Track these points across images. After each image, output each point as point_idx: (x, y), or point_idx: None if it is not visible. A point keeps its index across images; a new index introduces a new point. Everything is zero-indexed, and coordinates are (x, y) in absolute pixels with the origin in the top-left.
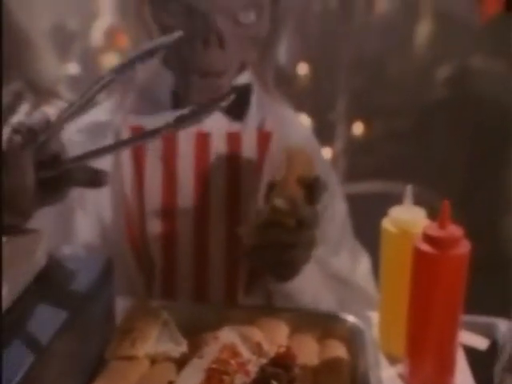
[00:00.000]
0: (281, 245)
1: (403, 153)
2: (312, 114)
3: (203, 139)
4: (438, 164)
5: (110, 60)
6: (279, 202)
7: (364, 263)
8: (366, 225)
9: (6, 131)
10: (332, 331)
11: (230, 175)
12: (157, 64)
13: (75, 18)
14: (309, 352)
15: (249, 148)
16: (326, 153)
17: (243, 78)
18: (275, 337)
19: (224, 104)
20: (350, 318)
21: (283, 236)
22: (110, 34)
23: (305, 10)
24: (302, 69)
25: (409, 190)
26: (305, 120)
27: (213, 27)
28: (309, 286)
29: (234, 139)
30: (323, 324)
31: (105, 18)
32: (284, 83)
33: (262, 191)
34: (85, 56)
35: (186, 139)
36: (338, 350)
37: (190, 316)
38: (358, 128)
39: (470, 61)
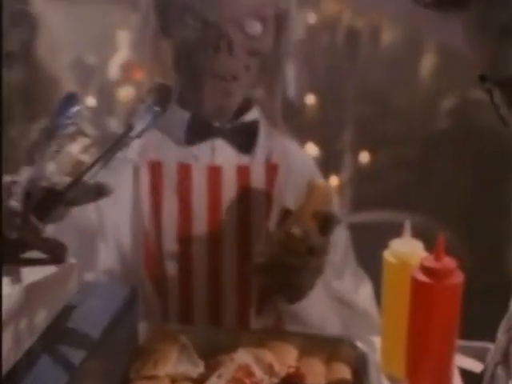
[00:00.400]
0: (289, 268)
1: (408, 181)
2: (319, 143)
3: (215, 172)
4: (441, 192)
5: (126, 93)
6: (296, 231)
7: (366, 288)
8: (372, 253)
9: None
10: (338, 355)
11: (241, 205)
12: (172, 104)
13: (94, 53)
14: (316, 374)
15: (257, 179)
16: (333, 181)
17: (252, 115)
18: (285, 359)
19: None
20: (355, 343)
21: (292, 260)
22: (127, 69)
23: (311, 43)
24: (310, 100)
25: (407, 224)
26: (312, 149)
27: (223, 35)
28: (315, 308)
29: (243, 171)
30: (330, 348)
31: (122, 53)
32: (292, 114)
33: (272, 219)
34: (102, 89)
35: (199, 173)
36: (344, 372)
37: (206, 339)
38: (364, 157)
39: (471, 93)
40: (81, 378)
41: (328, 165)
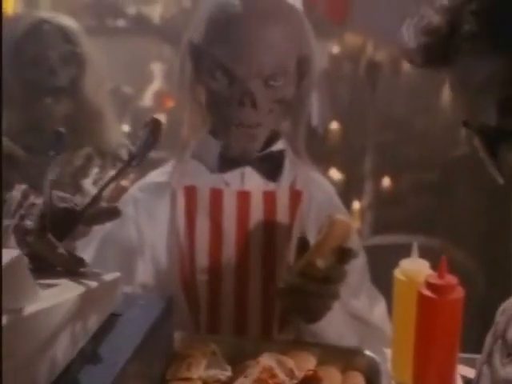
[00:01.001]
0: (308, 294)
1: (427, 205)
2: (342, 168)
3: (244, 197)
4: (459, 215)
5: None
6: (320, 264)
7: (381, 306)
8: (391, 273)
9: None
10: (353, 364)
11: (267, 228)
12: (205, 133)
13: (130, 83)
14: (333, 381)
15: (282, 204)
16: (355, 206)
17: (278, 145)
18: (304, 366)
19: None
20: (369, 353)
21: (311, 287)
22: (159, 97)
23: (335, 72)
24: (333, 127)
25: (415, 246)
26: (335, 174)
27: (246, 91)
28: (332, 326)
29: (269, 197)
30: (346, 358)
31: (155, 83)
32: (315, 141)
33: (293, 244)
34: (136, 116)
35: (229, 197)
36: (358, 380)
37: (233, 348)
38: (385, 182)
39: None
40: (124, 378)
41: (350, 189)
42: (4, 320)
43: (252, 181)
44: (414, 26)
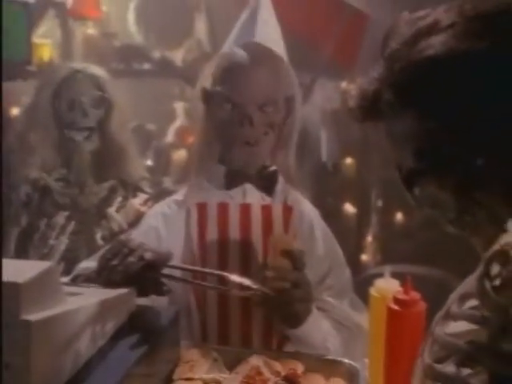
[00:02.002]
0: (281, 302)
1: (434, 238)
2: (355, 202)
3: (245, 208)
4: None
5: (180, 155)
6: (270, 273)
7: (363, 314)
8: None
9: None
10: (336, 371)
11: (265, 234)
12: (213, 161)
13: (153, 121)
14: None
15: (277, 216)
16: (367, 238)
17: (273, 166)
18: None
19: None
20: (350, 362)
21: (281, 296)
22: (180, 134)
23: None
24: (348, 162)
25: (387, 270)
26: (349, 208)
27: (245, 114)
28: (316, 332)
29: (266, 209)
30: (330, 366)
31: (177, 121)
32: (325, 176)
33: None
34: (159, 151)
35: (234, 209)
36: None
37: (233, 356)
38: (397, 216)
39: None
40: (135, 374)
41: (363, 223)
42: (34, 318)
43: (252, 195)
44: (353, 91)
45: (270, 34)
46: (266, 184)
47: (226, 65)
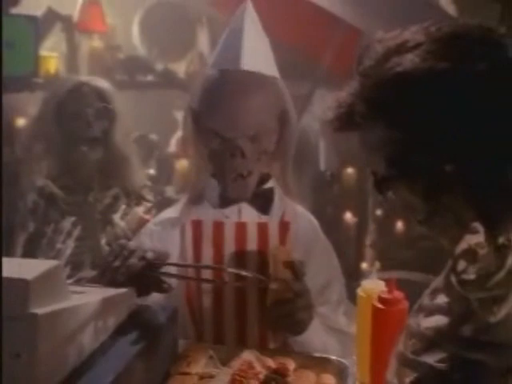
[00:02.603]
0: (287, 312)
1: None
2: (355, 211)
3: (241, 227)
4: None
5: (182, 165)
6: (273, 285)
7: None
8: None
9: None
10: (326, 368)
11: (260, 253)
12: (208, 176)
13: (155, 131)
14: (309, 381)
15: (273, 233)
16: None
17: (269, 184)
18: None
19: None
20: (340, 359)
21: (286, 306)
22: (183, 144)
23: None
24: (345, 171)
25: (374, 270)
26: (350, 218)
27: (236, 146)
28: (317, 338)
29: (262, 227)
30: (320, 363)
31: (179, 131)
32: (324, 185)
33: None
34: (161, 161)
35: (229, 228)
36: (330, 381)
37: (229, 354)
38: (398, 224)
39: None
40: (134, 369)
41: (361, 231)
42: (41, 311)
43: (248, 214)
44: (332, 104)
45: (258, 55)
46: (262, 202)
47: (211, 90)
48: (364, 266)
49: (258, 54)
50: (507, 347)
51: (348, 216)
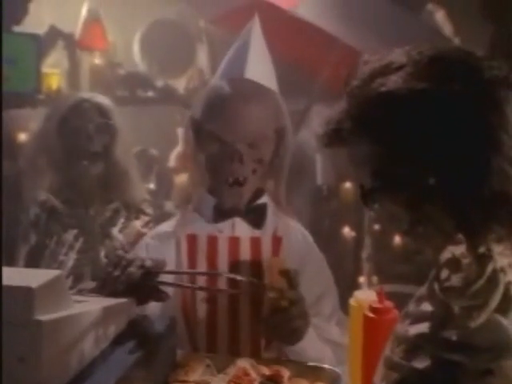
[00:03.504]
0: (283, 320)
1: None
2: (353, 226)
3: (234, 242)
4: None
5: (182, 179)
6: (271, 294)
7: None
8: None
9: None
10: (320, 376)
11: (253, 265)
12: (203, 191)
13: (155, 146)
14: None
15: (266, 248)
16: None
17: (262, 200)
18: None
19: None
20: (333, 368)
21: (283, 315)
22: (182, 159)
23: None
24: (342, 186)
25: (365, 282)
26: (347, 232)
27: (235, 151)
28: (311, 348)
29: (255, 242)
30: (314, 371)
31: (179, 146)
32: (322, 200)
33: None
34: (161, 176)
35: (223, 242)
36: None
37: (225, 363)
38: (396, 239)
39: None
40: (133, 377)
41: (359, 246)
42: (45, 318)
43: (241, 229)
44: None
45: (261, 68)
46: (255, 217)
47: (214, 98)
48: (361, 279)
49: (261, 67)
50: (485, 350)
51: (345, 230)
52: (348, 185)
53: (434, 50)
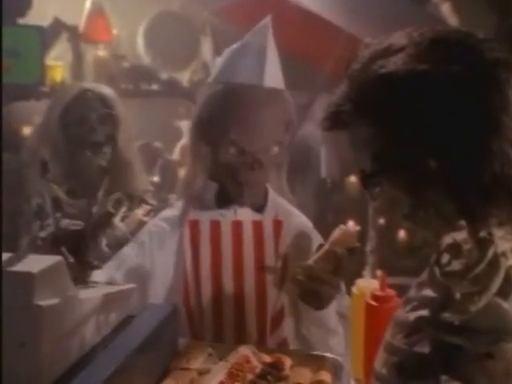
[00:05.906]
0: (321, 281)
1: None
2: (358, 219)
3: (237, 225)
4: None
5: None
6: (339, 249)
7: None
8: None
9: None
10: (322, 365)
11: (256, 248)
12: (205, 178)
13: (159, 139)
14: (305, 377)
15: (267, 230)
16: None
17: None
18: None
19: None
20: (335, 357)
21: (324, 276)
22: (186, 151)
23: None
24: (347, 179)
25: (367, 270)
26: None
27: (256, 159)
28: (332, 316)
29: (257, 225)
30: (316, 360)
31: (183, 139)
32: (326, 193)
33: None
34: (165, 169)
35: (225, 226)
36: (325, 376)
37: (227, 351)
38: (400, 233)
39: None
40: (135, 364)
41: (363, 239)
42: (45, 303)
43: (243, 213)
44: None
45: (276, 71)
46: (257, 202)
47: (230, 102)
48: (365, 272)
49: (276, 71)
50: (486, 333)
51: (349, 224)
52: (352, 178)
53: (435, 32)
